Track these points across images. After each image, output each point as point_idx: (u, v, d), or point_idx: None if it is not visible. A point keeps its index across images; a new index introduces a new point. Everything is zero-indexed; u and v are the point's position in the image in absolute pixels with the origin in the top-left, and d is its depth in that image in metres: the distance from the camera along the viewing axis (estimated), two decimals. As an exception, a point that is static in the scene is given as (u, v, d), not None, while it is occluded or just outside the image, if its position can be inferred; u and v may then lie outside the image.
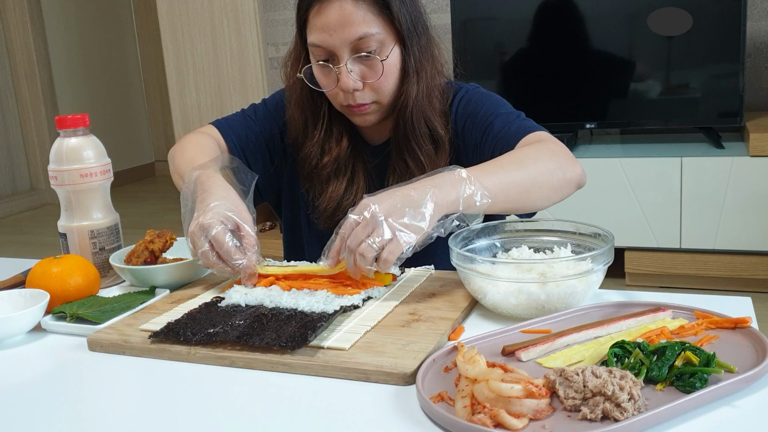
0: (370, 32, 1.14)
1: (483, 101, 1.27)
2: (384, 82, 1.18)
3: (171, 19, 3.92)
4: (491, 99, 1.28)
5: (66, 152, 1.13)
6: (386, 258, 0.91)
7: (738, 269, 2.69)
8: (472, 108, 1.25)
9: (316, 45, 1.16)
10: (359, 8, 1.14)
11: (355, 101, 1.18)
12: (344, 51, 1.14)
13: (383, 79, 1.17)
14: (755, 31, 3.00)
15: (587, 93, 2.97)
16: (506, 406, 0.65)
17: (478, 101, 1.27)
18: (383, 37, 1.16)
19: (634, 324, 0.83)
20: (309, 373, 0.79)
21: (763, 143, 2.55)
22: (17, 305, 1.00)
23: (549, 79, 2.99)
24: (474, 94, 1.28)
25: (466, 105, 1.26)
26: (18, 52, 5.07)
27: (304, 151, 1.28)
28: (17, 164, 5.20)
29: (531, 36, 2.99)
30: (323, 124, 1.27)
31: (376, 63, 1.16)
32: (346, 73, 1.15)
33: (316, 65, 1.19)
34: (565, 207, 2.82)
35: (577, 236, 1.00)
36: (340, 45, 1.14)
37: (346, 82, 1.15)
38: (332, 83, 1.18)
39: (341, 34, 1.13)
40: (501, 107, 1.26)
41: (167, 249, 1.13)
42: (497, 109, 1.24)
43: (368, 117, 1.22)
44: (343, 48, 1.14)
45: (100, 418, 0.74)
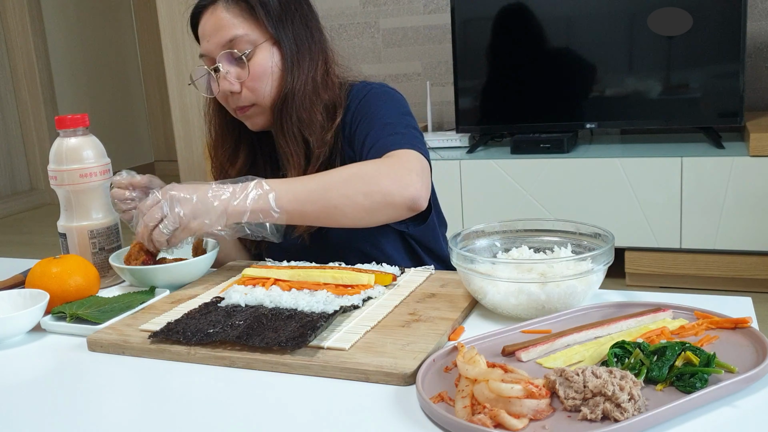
0: (239, 33, 1.19)
1: (375, 104, 1.24)
2: (256, 82, 1.20)
3: (171, 19, 3.92)
4: (384, 104, 1.25)
5: (66, 152, 1.13)
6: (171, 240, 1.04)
7: (738, 269, 2.69)
8: (363, 109, 1.24)
9: (202, 55, 1.23)
10: (229, 12, 1.20)
11: (236, 104, 1.22)
12: (220, 55, 1.19)
13: (254, 79, 1.19)
14: (755, 31, 3.00)
15: (588, 93, 2.97)
16: (506, 407, 0.65)
17: (371, 103, 1.24)
18: (254, 37, 1.20)
19: (634, 324, 0.83)
20: (309, 373, 0.79)
21: (764, 143, 2.54)
22: (17, 305, 1.00)
23: (549, 79, 2.99)
24: (372, 95, 1.26)
25: (358, 105, 1.25)
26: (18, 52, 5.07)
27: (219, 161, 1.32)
28: (17, 164, 5.20)
29: (531, 36, 2.99)
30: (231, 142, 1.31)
31: (247, 63, 1.19)
32: (222, 76, 1.20)
33: (207, 77, 1.24)
34: (565, 207, 2.84)
35: (577, 236, 1.00)
36: (215, 49, 1.20)
37: (222, 84, 1.20)
38: (215, 92, 1.23)
39: (215, 39, 1.20)
40: (387, 116, 1.22)
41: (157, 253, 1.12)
42: (383, 117, 1.22)
43: (254, 120, 1.24)
44: (217, 52, 1.20)
45: (100, 418, 0.74)
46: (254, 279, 1.03)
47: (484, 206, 2.93)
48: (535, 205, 2.86)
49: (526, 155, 2.89)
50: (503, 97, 3.07)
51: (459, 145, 3.16)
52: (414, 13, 3.55)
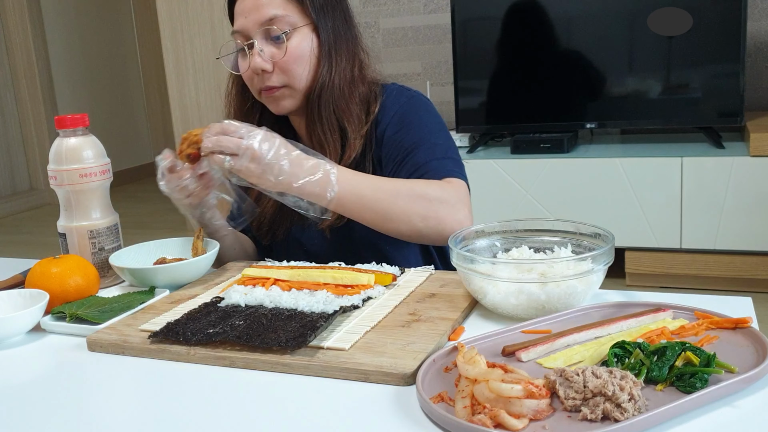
0: (279, 14, 1.18)
1: (421, 117, 1.26)
2: (292, 63, 1.19)
3: (171, 19, 3.92)
4: (430, 118, 1.27)
5: (65, 152, 1.12)
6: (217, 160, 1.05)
7: (738, 269, 2.69)
8: (407, 117, 1.25)
9: (235, 31, 1.21)
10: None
11: (264, 84, 1.20)
12: (255, 33, 1.19)
13: (290, 60, 1.19)
14: (755, 31, 3.00)
15: (588, 93, 2.97)
16: (506, 407, 0.65)
17: (417, 114, 1.26)
18: (294, 20, 1.19)
19: (634, 324, 0.83)
20: (309, 373, 0.79)
21: (764, 143, 2.54)
22: (17, 305, 1.00)
23: (549, 79, 2.99)
24: (416, 103, 1.28)
25: (399, 109, 1.26)
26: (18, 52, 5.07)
27: None
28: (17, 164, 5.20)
29: (531, 36, 2.99)
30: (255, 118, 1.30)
31: (284, 43, 1.19)
32: (257, 53, 1.19)
33: (236, 54, 1.23)
34: (565, 207, 2.84)
35: (577, 236, 1.00)
36: (252, 26, 1.19)
37: (255, 61, 1.19)
38: (244, 69, 1.21)
39: (253, 16, 1.18)
40: (436, 135, 1.24)
41: None
42: (431, 135, 1.24)
43: (282, 103, 1.23)
44: (254, 29, 1.19)
45: (100, 418, 0.74)
46: (254, 279, 1.03)
47: (484, 206, 2.93)
48: (535, 205, 2.86)
49: (526, 155, 2.89)
50: (503, 97, 3.07)
51: (459, 145, 3.16)
52: (414, 13, 3.55)
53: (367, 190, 1.09)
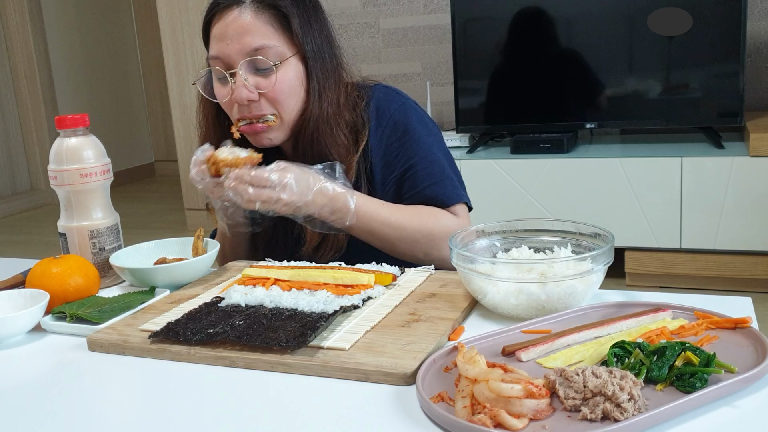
0: (268, 44, 1.13)
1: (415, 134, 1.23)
2: (280, 93, 1.15)
3: (171, 19, 3.92)
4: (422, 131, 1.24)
5: (66, 152, 1.13)
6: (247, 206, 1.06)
7: (738, 269, 2.69)
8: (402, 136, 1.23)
9: (215, 57, 1.16)
10: (258, 20, 1.14)
11: (250, 112, 1.15)
12: (239, 60, 1.13)
13: (279, 90, 1.15)
14: (755, 31, 3.00)
15: (587, 93, 2.97)
16: (506, 407, 0.65)
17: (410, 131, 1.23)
18: (282, 50, 1.15)
19: (634, 324, 0.83)
20: (309, 373, 0.79)
21: (764, 143, 2.54)
22: (17, 305, 1.00)
23: (549, 79, 2.99)
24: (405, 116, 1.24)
25: (395, 126, 1.23)
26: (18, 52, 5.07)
27: None
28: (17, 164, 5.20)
29: (531, 36, 2.99)
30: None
31: (272, 74, 1.14)
32: (241, 82, 1.13)
33: (215, 79, 1.18)
34: (565, 207, 2.84)
35: (577, 236, 1.00)
36: (236, 54, 1.13)
37: (240, 93, 1.13)
38: (226, 95, 1.16)
39: (237, 43, 1.13)
40: (431, 150, 1.23)
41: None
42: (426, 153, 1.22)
43: (269, 135, 1.18)
44: (239, 57, 1.13)
45: (100, 418, 0.74)
46: (254, 279, 1.03)
47: (484, 206, 2.93)
48: (535, 205, 2.86)
49: (526, 155, 2.89)
50: (503, 97, 3.07)
51: (459, 145, 3.16)
52: (414, 13, 3.55)
53: (377, 224, 1.15)
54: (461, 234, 1.00)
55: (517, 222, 1.04)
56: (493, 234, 1.04)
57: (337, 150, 1.20)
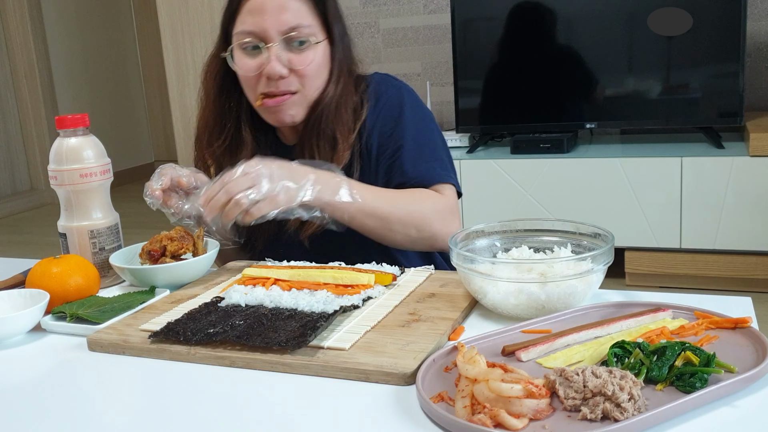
0: (303, 23, 1.17)
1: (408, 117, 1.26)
2: (310, 71, 1.19)
3: (171, 19, 3.92)
4: (415, 115, 1.27)
5: (66, 152, 1.13)
6: (252, 212, 1.02)
7: (738, 269, 2.69)
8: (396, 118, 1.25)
9: (247, 31, 1.17)
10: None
11: (278, 88, 1.18)
12: (275, 35, 1.16)
13: (311, 68, 1.19)
14: (755, 31, 3.00)
15: (587, 93, 2.97)
16: (506, 406, 0.65)
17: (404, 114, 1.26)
18: (315, 31, 1.20)
19: (634, 324, 0.83)
20: (309, 373, 0.79)
21: (763, 143, 2.55)
22: (17, 305, 1.00)
23: (549, 79, 2.99)
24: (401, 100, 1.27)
25: (390, 110, 1.26)
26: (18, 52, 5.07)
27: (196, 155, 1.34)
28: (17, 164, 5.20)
29: (531, 36, 2.99)
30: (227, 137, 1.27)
31: (305, 52, 1.18)
32: (275, 57, 1.16)
33: (241, 52, 1.19)
34: (565, 207, 2.84)
35: (577, 236, 1.00)
36: (273, 29, 1.16)
37: (273, 66, 1.16)
38: (255, 69, 1.18)
39: (275, 18, 1.16)
40: (422, 133, 1.26)
41: (180, 254, 1.12)
42: (418, 135, 1.25)
43: (289, 112, 1.21)
44: (275, 33, 1.16)
45: (100, 418, 0.74)
46: (254, 279, 1.03)
47: (484, 206, 2.93)
48: (535, 205, 2.86)
49: (526, 155, 2.89)
50: (503, 97, 3.07)
51: (459, 145, 3.16)
52: (414, 13, 3.55)
53: (368, 206, 1.13)
54: (461, 234, 1.00)
55: (517, 222, 1.04)
56: (493, 234, 1.04)
57: (341, 129, 1.23)
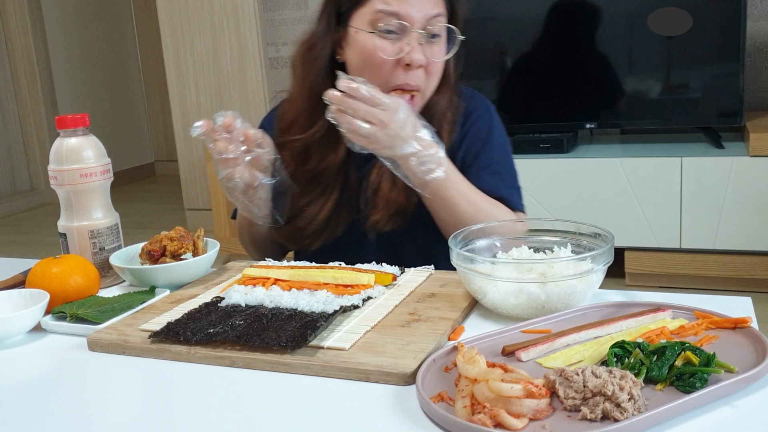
0: (441, 14, 1.15)
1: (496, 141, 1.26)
2: (437, 69, 1.16)
3: (171, 19, 3.92)
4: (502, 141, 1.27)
5: (66, 152, 1.13)
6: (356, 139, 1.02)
7: (738, 269, 2.69)
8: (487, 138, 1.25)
9: (391, 12, 1.12)
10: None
11: (415, 81, 1.14)
12: (419, 23, 1.12)
13: (439, 65, 1.16)
14: (755, 31, 3.00)
15: (587, 93, 2.97)
16: (506, 406, 0.65)
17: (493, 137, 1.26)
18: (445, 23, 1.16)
19: (634, 324, 0.83)
20: (309, 373, 0.79)
21: (763, 143, 2.55)
22: (17, 305, 1.00)
23: (549, 79, 2.99)
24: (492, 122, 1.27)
25: (479, 129, 1.25)
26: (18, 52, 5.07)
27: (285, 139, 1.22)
28: (17, 164, 5.20)
29: (531, 36, 2.99)
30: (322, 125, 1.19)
31: (439, 45, 1.15)
32: (418, 45, 1.12)
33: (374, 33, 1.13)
34: (565, 207, 2.83)
35: (577, 236, 1.00)
36: (417, 15, 1.12)
37: (416, 54, 1.12)
38: (393, 54, 1.13)
39: (422, 7, 1.12)
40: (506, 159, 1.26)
41: (180, 254, 1.12)
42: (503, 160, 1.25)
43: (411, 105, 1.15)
44: (420, 20, 1.12)
45: (100, 418, 0.74)
46: (254, 279, 1.03)
47: (484, 206, 2.92)
48: (535, 205, 2.86)
49: (526, 155, 2.89)
50: (503, 97, 3.07)
51: (459, 145, 3.16)
52: (414, 13, 3.55)
53: (457, 194, 1.12)
54: (461, 234, 1.00)
55: (517, 222, 1.04)
56: (493, 234, 1.04)
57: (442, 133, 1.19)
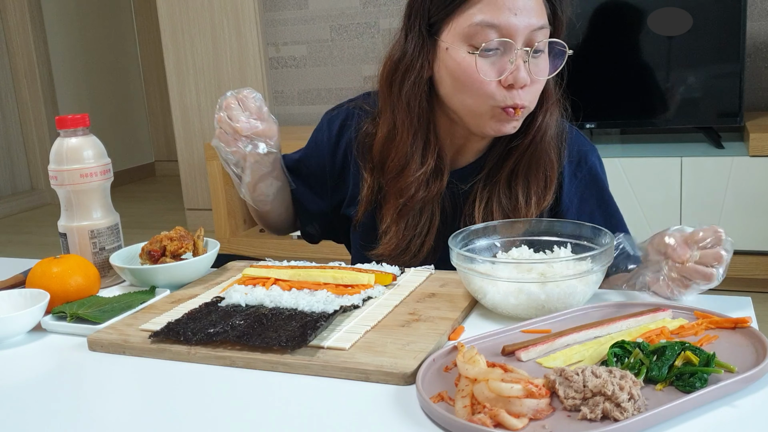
0: (546, 25, 1.02)
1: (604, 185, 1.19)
2: (542, 84, 1.05)
3: (171, 19, 3.92)
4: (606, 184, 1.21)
5: (66, 152, 1.13)
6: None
7: (738, 269, 2.68)
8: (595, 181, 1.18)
9: (492, 25, 0.99)
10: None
11: (521, 100, 1.02)
12: (522, 38, 1.00)
13: (541, 82, 1.04)
14: (755, 31, 3.00)
15: (587, 93, 2.96)
16: (506, 406, 0.65)
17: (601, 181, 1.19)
18: (548, 33, 1.04)
19: (634, 324, 0.83)
20: (309, 373, 0.79)
21: (763, 143, 2.55)
22: (17, 305, 1.00)
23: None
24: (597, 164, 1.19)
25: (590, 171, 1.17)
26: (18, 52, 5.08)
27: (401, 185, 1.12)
28: (17, 164, 5.20)
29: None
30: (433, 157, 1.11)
31: (543, 60, 1.03)
32: (523, 64, 1.00)
33: (477, 53, 1.00)
34: (565, 207, 2.82)
35: (577, 236, 1.00)
36: (523, 29, 0.99)
37: (522, 73, 1.00)
38: (496, 74, 1.01)
39: (527, 17, 0.99)
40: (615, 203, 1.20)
41: (180, 254, 1.12)
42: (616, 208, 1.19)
43: (515, 123, 1.06)
44: (523, 34, 1.00)
45: (100, 418, 0.74)
46: (254, 279, 1.03)
47: (484, 206, 2.92)
48: (535, 205, 2.85)
49: (526, 155, 2.89)
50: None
51: (459, 145, 3.16)
52: (414, 13, 3.54)
53: None
54: (461, 234, 1.00)
55: (517, 222, 1.04)
56: (493, 234, 1.04)
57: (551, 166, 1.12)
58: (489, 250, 1.02)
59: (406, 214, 1.14)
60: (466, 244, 1.01)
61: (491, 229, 1.04)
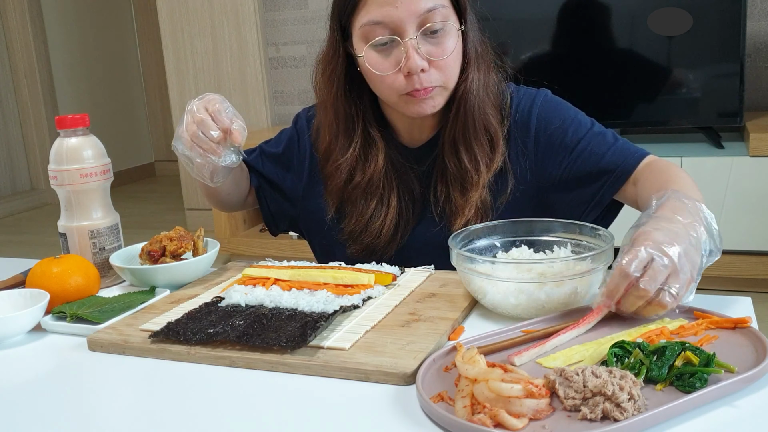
0: (439, 4, 1.06)
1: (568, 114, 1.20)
2: (452, 61, 1.09)
3: (171, 19, 3.92)
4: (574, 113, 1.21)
5: (66, 152, 1.13)
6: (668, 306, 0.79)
7: (738, 269, 2.68)
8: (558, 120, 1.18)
9: (377, 22, 1.05)
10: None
11: (421, 84, 1.07)
12: (411, 25, 1.05)
13: (452, 58, 1.08)
14: (755, 31, 3.00)
15: (587, 93, 2.97)
16: (506, 406, 0.65)
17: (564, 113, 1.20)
18: (448, 11, 1.08)
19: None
20: (309, 373, 0.79)
21: (763, 143, 2.55)
22: (17, 305, 1.00)
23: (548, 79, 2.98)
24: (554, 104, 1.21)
25: (548, 113, 1.18)
26: (18, 52, 5.08)
27: (330, 168, 1.20)
28: (17, 164, 5.20)
29: (531, 37, 2.99)
30: (358, 140, 1.17)
31: (443, 39, 1.07)
32: (414, 50, 1.05)
33: (372, 49, 1.07)
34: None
35: (577, 236, 1.00)
36: (407, 18, 1.04)
37: (414, 61, 1.05)
38: (392, 66, 1.07)
39: (408, 5, 1.04)
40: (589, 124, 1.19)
41: (180, 254, 1.12)
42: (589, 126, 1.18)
43: (431, 102, 1.10)
44: (410, 21, 1.04)
45: (100, 418, 0.74)
46: (254, 279, 1.03)
47: (484, 206, 2.92)
48: (535, 205, 2.85)
49: (526, 155, 2.89)
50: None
51: (459, 145, 3.16)
52: (414, 13, 3.55)
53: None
54: (461, 234, 1.00)
55: (517, 222, 1.04)
56: (493, 234, 1.04)
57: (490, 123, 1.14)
58: (489, 250, 1.02)
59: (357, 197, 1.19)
60: (466, 244, 1.01)
61: (491, 229, 1.04)
